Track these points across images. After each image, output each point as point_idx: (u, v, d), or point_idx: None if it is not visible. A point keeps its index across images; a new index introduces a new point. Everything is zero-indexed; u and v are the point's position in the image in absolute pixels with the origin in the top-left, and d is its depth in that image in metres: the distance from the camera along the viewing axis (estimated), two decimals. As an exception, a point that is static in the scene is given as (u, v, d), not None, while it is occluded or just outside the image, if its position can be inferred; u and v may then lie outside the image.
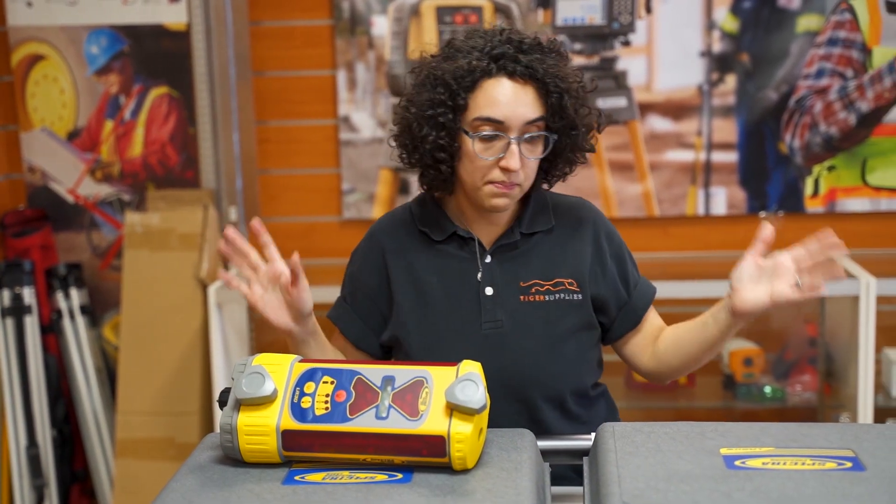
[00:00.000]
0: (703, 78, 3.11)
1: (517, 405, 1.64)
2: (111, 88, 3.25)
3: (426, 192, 1.72)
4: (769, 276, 1.52)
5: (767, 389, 3.11)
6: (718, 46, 3.10)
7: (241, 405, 1.26)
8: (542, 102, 1.59)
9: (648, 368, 1.75)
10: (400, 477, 1.21)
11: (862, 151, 3.11)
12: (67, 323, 3.24)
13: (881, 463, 1.20)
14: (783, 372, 3.16)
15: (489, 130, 1.57)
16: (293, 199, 3.27)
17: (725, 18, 3.08)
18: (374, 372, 1.26)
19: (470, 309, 1.65)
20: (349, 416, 1.23)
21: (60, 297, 3.24)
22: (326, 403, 1.24)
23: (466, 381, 1.21)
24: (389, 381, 1.25)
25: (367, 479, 1.21)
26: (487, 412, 1.26)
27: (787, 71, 3.09)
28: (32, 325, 3.16)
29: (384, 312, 1.70)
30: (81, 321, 3.26)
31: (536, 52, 1.59)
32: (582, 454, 1.40)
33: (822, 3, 3.04)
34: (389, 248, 1.71)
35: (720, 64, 3.11)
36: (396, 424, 1.21)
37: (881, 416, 2.98)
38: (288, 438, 1.24)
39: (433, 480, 1.20)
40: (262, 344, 3.22)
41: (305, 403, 1.24)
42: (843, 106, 3.07)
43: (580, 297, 1.67)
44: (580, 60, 3.10)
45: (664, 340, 1.73)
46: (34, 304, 3.17)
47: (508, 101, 1.57)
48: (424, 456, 1.21)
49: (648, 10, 3.09)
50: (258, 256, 1.54)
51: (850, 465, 1.20)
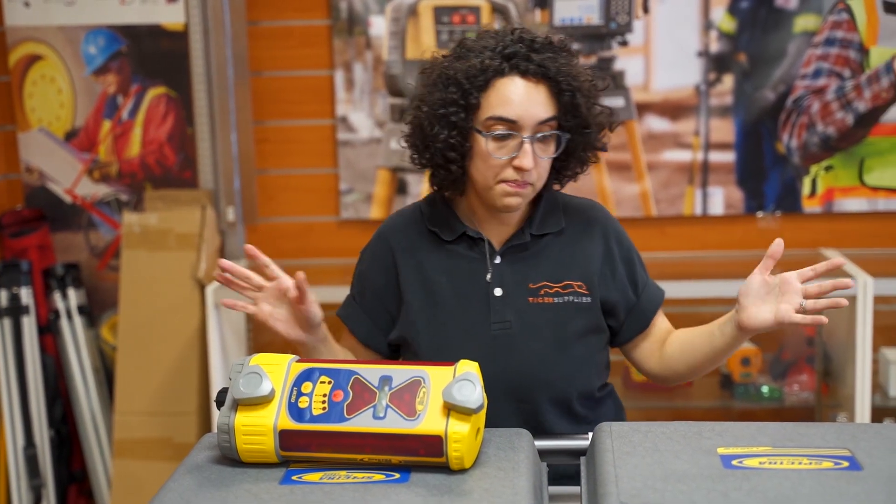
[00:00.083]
0: (700, 78, 3.11)
1: (522, 406, 1.64)
2: (109, 88, 3.25)
3: (437, 192, 1.72)
4: (776, 294, 1.52)
5: (765, 389, 3.11)
6: (716, 46, 3.10)
7: (238, 405, 1.26)
8: (554, 101, 1.59)
9: (655, 372, 1.75)
10: (397, 477, 1.21)
11: (859, 151, 3.11)
12: (65, 323, 3.24)
13: (878, 462, 1.20)
14: (781, 372, 3.16)
15: (502, 130, 1.57)
16: (291, 199, 3.27)
17: (723, 18, 3.08)
18: (371, 372, 1.26)
19: (479, 309, 1.65)
20: (346, 415, 1.23)
21: (58, 297, 3.23)
22: (324, 403, 1.24)
23: (464, 380, 1.21)
24: (387, 380, 1.25)
25: (364, 478, 1.21)
26: (485, 412, 1.26)
27: (784, 71, 3.09)
28: (30, 325, 3.16)
29: (393, 311, 1.71)
30: (79, 321, 3.26)
31: (548, 51, 1.60)
32: (579, 454, 1.41)
33: (819, 3, 3.04)
34: (399, 247, 1.71)
35: (717, 64, 3.11)
36: (394, 424, 1.21)
37: (878, 415, 2.98)
38: (285, 438, 1.24)
39: (430, 480, 1.20)
40: (259, 344, 3.21)
41: (303, 403, 1.24)
42: (840, 106, 3.07)
43: (589, 299, 1.67)
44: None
45: (671, 345, 1.73)
46: (32, 304, 3.17)
47: (521, 100, 1.57)
48: (422, 456, 1.21)
49: (646, 10, 3.09)
50: (259, 277, 1.56)
51: (846, 464, 1.20)
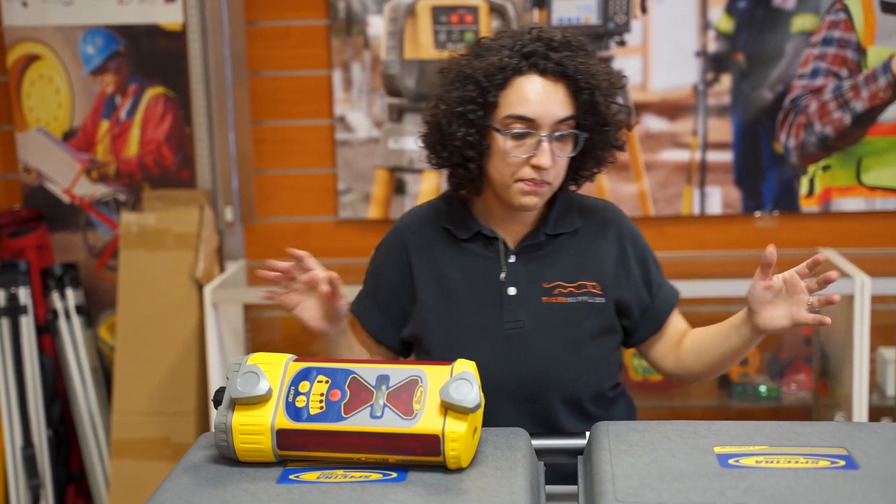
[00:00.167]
0: (698, 78, 3.11)
1: (534, 406, 1.64)
2: (107, 88, 3.24)
3: (453, 191, 1.72)
4: (784, 296, 1.52)
5: (763, 388, 3.12)
6: (713, 46, 3.10)
7: (235, 404, 1.26)
8: (572, 100, 1.59)
9: (672, 371, 1.75)
10: (394, 476, 1.21)
11: (857, 151, 3.11)
12: (63, 323, 3.24)
13: (874, 461, 1.21)
14: (778, 371, 3.17)
15: (520, 128, 1.57)
16: (289, 199, 3.27)
17: (720, 18, 3.09)
18: (368, 371, 1.26)
19: (492, 308, 1.65)
20: (344, 415, 1.23)
21: (56, 297, 3.23)
22: (321, 402, 1.24)
23: (461, 380, 1.22)
24: (384, 380, 1.25)
25: (361, 478, 1.21)
26: (482, 411, 1.26)
27: (781, 71, 3.09)
28: (28, 325, 3.16)
29: (406, 308, 1.71)
30: (77, 321, 3.26)
31: (566, 49, 1.59)
32: (577, 453, 1.41)
33: (816, 2, 3.04)
34: (413, 243, 1.71)
35: (715, 64, 3.11)
36: (391, 423, 1.21)
37: (876, 415, 2.99)
38: (283, 437, 1.24)
39: (428, 479, 1.20)
40: (257, 344, 3.22)
41: (300, 402, 1.25)
42: (837, 106, 3.07)
43: (603, 300, 1.67)
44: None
45: (687, 345, 1.72)
46: (30, 304, 3.17)
47: (540, 98, 1.57)
48: (419, 455, 1.22)
49: (644, 9, 3.09)
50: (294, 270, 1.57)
51: (843, 463, 1.20)
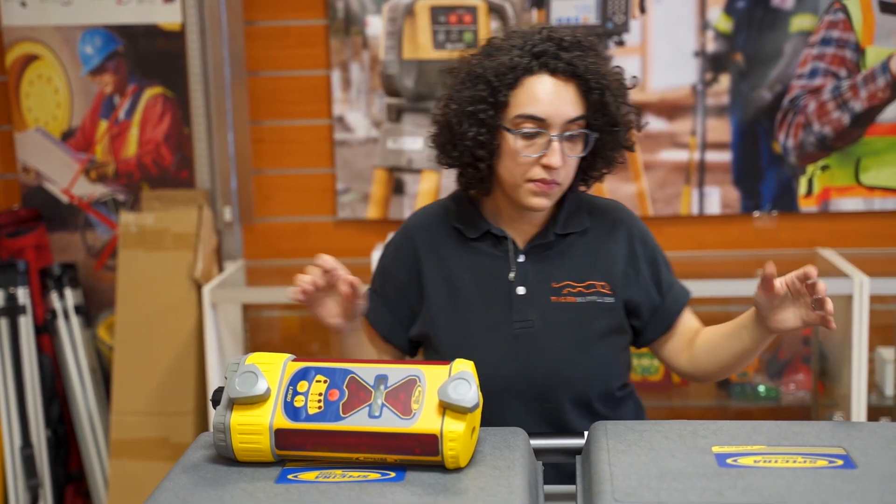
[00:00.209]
0: (696, 78, 3.11)
1: (543, 405, 1.63)
2: (105, 88, 3.24)
3: (463, 191, 1.72)
4: (790, 298, 1.52)
5: (761, 388, 3.12)
6: (712, 46, 3.10)
7: (234, 404, 1.26)
8: (583, 100, 1.59)
9: (686, 370, 1.75)
10: (393, 475, 1.21)
11: (855, 151, 3.11)
12: (62, 323, 3.24)
13: (872, 461, 1.21)
14: (777, 371, 3.17)
15: (531, 128, 1.58)
16: (287, 199, 3.27)
17: (719, 18, 3.09)
18: (366, 371, 1.26)
19: (501, 308, 1.65)
20: (342, 414, 1.23)
21: (55, 297, 3.23)
22: (319, 402, 1.24)
23: (459, 379, 1.22)
24: (382, 379, 1.25)
25: (360, 477, 1.21)
26: (480, 411, 1.26)
27: (780, 71, 3.09)
28: (27, 325, 3.16)
29: (414, 307, 1.71)
30: (76, 321, 3.26)
31: (577, 49, 1.59)
32: (575, 453, 1.41)
33: (815, 2, 3.04)
34: (423, 242, 1.72)
35: (714, 64, 3.11)
36: (389, 423, 1.21)
37: (874, 414, 2.99)
38: (281, 437, 1.24)
39: (426, 479, 1.20)
40: (256, 344, 3.22)
41: (298, 402, 1.25)
42: (836, 105, 3.07)
43: (612, 300, 1.67)
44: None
45: (700, 344, 1.72)
46: (28, 304, 3.17)
47: (550, 98, 1.57)
48: (417, 454, 1.22)
49: (642, 9, 3.09)
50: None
51: (841, 462, 1.20)
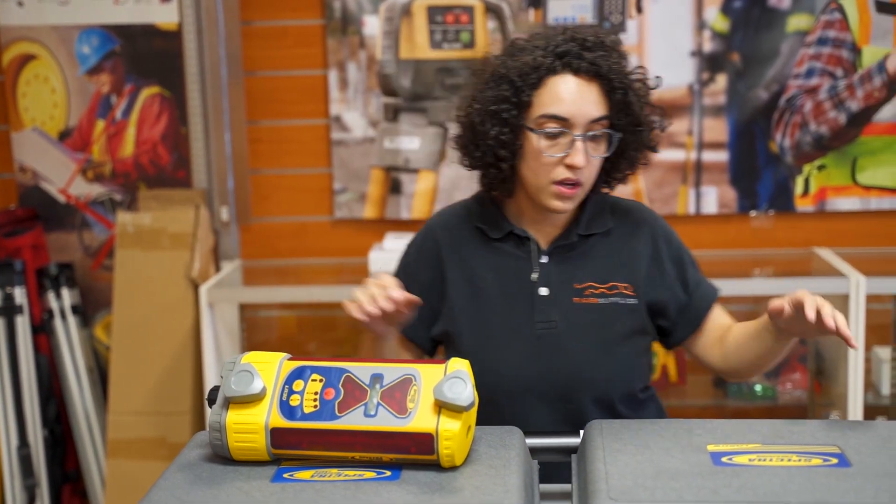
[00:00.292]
0: (693, 77, 3.12)
1: (566, 406, 1.63)
2: (102, 88, 3.24)
3: (485, 191, 1.72)
4: (800, 314, 1.48)
5: (758, 388, 3.12)
6: (709, 46, 3.11)
7: (229, 403, 1.26)
8: (606, 100, 1.60)
9: (718, 367, 1.73)
10: (388, 474, 1.21)
11: (852, 150, 3.11)
12: (59, 323, 3.24)
13: (867, 459, 1.21)
14: (774, 370, 3.17)
15: (554, 127, 1.58)
16: (285, 198, 3.27)
17: (716, 18, 3.09)
18: (362, 370, 1.27)
19: (523, 308, 1.65)
20: (338, 413, 1.23)
21: (52, 296, 3.23)
22: (315, 401, 1.24)
23: (455, 378, 1.22)
24: (378, 378, 1.25)
25: (355, 476, 1.21)
26: (476, 409, 1.26)
27: (777, 70, 3.09)
28: (24, 325, 3.15)
29: (436, 306, 1.71)
30: (73, 321, 3.26)
31: (600, 49, 1.60)
32: (571, 451, 1.41)
33: (811, 2, 3.05)
34: (446, 241, 1.72)
35: (711, 63, 3.11)
36: (385, 422, 1.21)
37: (871, 413, 2.99)
38: (277, 436, 1.24)
39: (421, 478, 1.20)
40: (253, 343, 3.22)
41: (294, 401, 1.25)
42: (833, 105, 3.08)
43: (635, 301, 1.66)
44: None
45: (729, 342, 1.70)
46: (25, 304, 3.16)
47: (574, 98, 1.57)
48: (413, 453, 1.22)
49: (639, 9, 3.10)
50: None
51: (835, 461, 1.21)
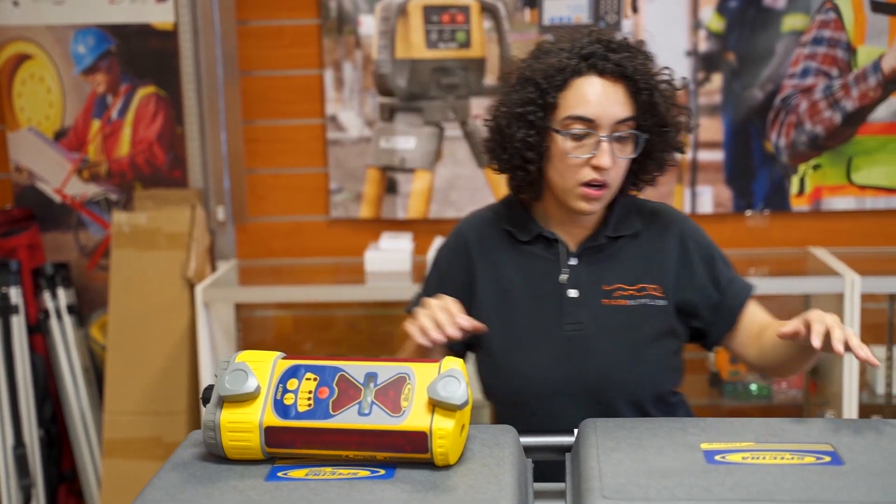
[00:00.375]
0: (689, 77, 3.12)
1: (598, 408, 1.62)
2: (98, 88, 3.24)
3: (514, 194, 1.73)
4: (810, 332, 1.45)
5: (753, 387, 3.13)
6: (704, 46, 3.11)
7: (224, 402, 1.26)
8: (632, 101, 1.60)
9: (756, 364, 1.71)
10: (382, 473, 1.21)
11: (847, 150, 3.12)
12: (54, 323, 3.24)
13: (859, 457, 1.21)
14: (769, 370, 3.17)
15: (580, 129, 1.58)
16: (280, 198, 3.27)
17: (711, 18, 3.09)
18: (356, 369, 1.27)
19: (552, 310, 1.66)
20: (332, 412, 1.23)
21: (47, 296, 3.23)
22: (309, 400, 1.24)
23: (448, 377, 1.22)
24: (372, 377, 1.25)
25: (349, 475, 1.21)
26: (470, 408, 1.26)
27: (772, 70, 3.10)
28: (19, 324, 3.15)
29: (466, 309, 1.69)
30: (68, 321, 3.26)
31: (625, 50, 1.60)
32: (565, 450, 1.41)
33: (807, 2, 3.05)
34: (475, 244, 1.73)
35: (706, 63, 3.12)
36: (379, 421, 1.22)
37: (866, 413, 2.99)
38: (271, 435, 1.24)
39: (416, 476, 1.20)
40: (249, 343, 3.21)
41: (288, 400, 1.25)
42: (828, 105, 3.08)
43: (664, 302, 1.66)
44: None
45: (766, 341, 1.67)
46: (21, 303, 3.16)
47: (599, 99, 1.58)
48: (407, 452, 1.22)
49: (635, 9, 3.10)
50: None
51: (828, 459, 1.21)
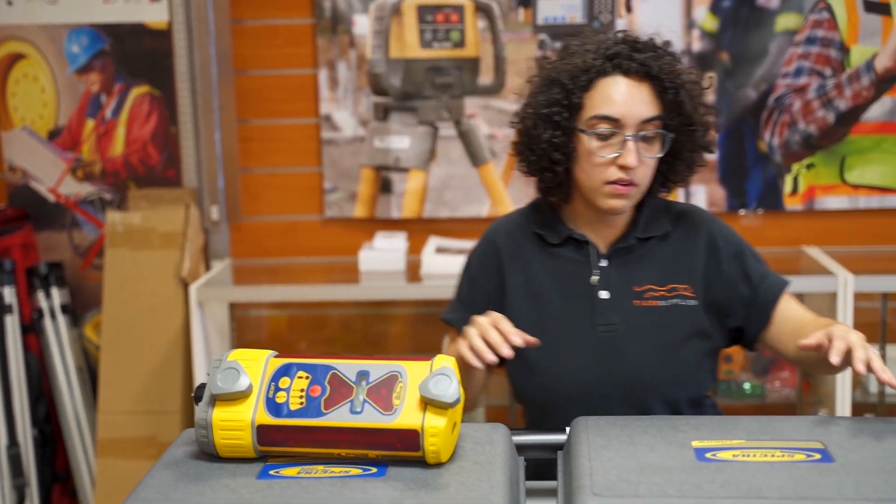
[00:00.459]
0: (682, 77, 3.12)
1: (631, 409, 1.62)
2: (92, 87, 3.24)
3: (542, 197, 1.73)
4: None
5: (747, 386, 3.13)
6: (698, 45, 3.12)
7: (216, 400, 1.26)
8: (658, 101, 1.60)
9: (794, 360, 1.69)
10: (374, 471, 1.21)
11: (840, 150, 3.13)
12: (48, 322, 3.23)
13: (849, 454, 1.22)
14: (762, 368, 3.18)
15: (605, 128, 1.59)
16: (275, 197, 3.27)
17: (705, 17, 3.10)
18: (348, 367, 1.27)
19: (584, 312, 1.66)
20: (324, 410, 1.23)
21: (41, 296, 3.23)
22: (301, 398, 1.24)
23: (440, 375, 1.22)
24: (364, 375, 1.26)
25: (341, 473, 1.21)
26: (462, 406, 1.26)
27: (766, 70, 3.10)
28: (13, 324, 3.15)
29: (500, 313, 1.70)
30: (62, 320, 3.25)
31: (650, 50, 1.61)
32: (556, 448, 1.41)
33: (800, 2, 3.06)
34: (505, 248, 1.73)
35: (700, 63, 3.12)
36: (370, 419, 1.22)
37: (859, 411, 3.00)
38: (263, 433, 1.24)
39: (407, 474, 1.20)
40: (243, 342, 3.21)
41: (280, 398, 1.25)
42: (821, 104, 3.09)
43: (695, 302, 1.66)
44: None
45: (804, 337, 1.61)
46: (15, 303, 3.16)
47: (624, 99, 1.58)
48: (398, 450, 1.22)
49: (629, 9, 3.10)
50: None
51: (818, 456, 1.21)
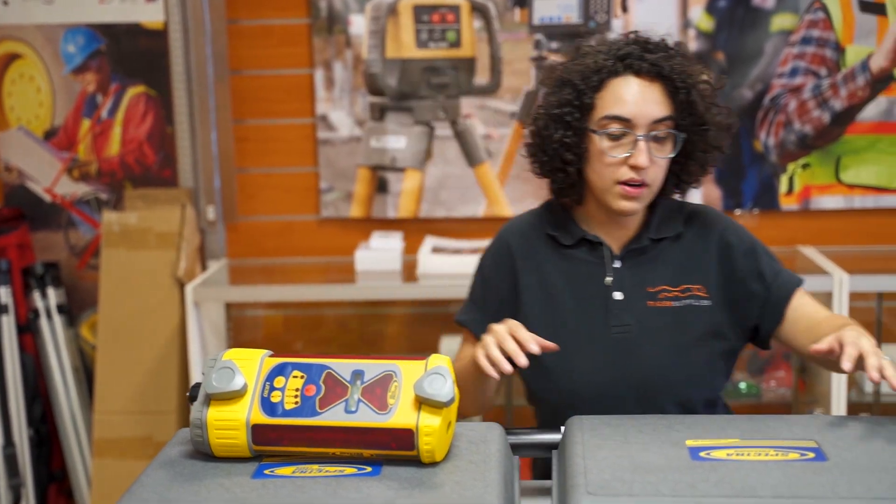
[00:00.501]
0: (678, 76, 3.13)
1: (645, 410, 1.61)
2: (88, 87, 3.24)
3: (555, 198, 1.73)
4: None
5: (742, 385, 3.14)
6: (694, 45, 3.12)
7: (211, 400, 1.26)
8: (669, 101, 1.60)
9: (810, 357, 1.65)
10: (369, 470, 1.22)
11: (836, 149, 3.13)
12: (44, 322, 3.23)
13: (843, 453, 1.22)
14: (758, 368, 3.19)
15: (617, 128, 1.59)
16: (271, 197, 3.27)
17: (700, 17, 3.10)
18: (343, 366, 1.27)
19: (598, 313, 1.66)
20: (319, 410, 1.23)
21: (37, 296, 3.22)
22: (296, 398, 1.25)
23: (435, 374, 1.22)
24: (359, 375, 1.26)
25: (336, 472, 1.21)
26: (456, 405, 1.26)
27: (761, 69, 3.11)
28: (9, 324, 3.15)
29: (513, 315, 1.69)
30: (58, 320, 3.25)
31: (662, 51, 1.61)
32: (551, 447, 1.42)
33: (795, 2, 3.06)
34: (519, 249, 1.73)
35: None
36: (365, 418, 1.22)
37: (854, 411, 3.00)
38: (258, 432, 1.24)
39: (402, 473, 1.21)
40: (239, 342, 3.21)
41: (275, 398, 1.25)
42: (817, 104, 3.09)
43: (709, 303, 1.67)
44: (556, 59, 3.11)
45: (818, 337, 1.57)
46: (11, 303, 3.15)
47: (636, 99, 1.58)
48: (393, 449, 1.22)
49: (624, 8, 3.11)
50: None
51: (812, 455, 1.22)
